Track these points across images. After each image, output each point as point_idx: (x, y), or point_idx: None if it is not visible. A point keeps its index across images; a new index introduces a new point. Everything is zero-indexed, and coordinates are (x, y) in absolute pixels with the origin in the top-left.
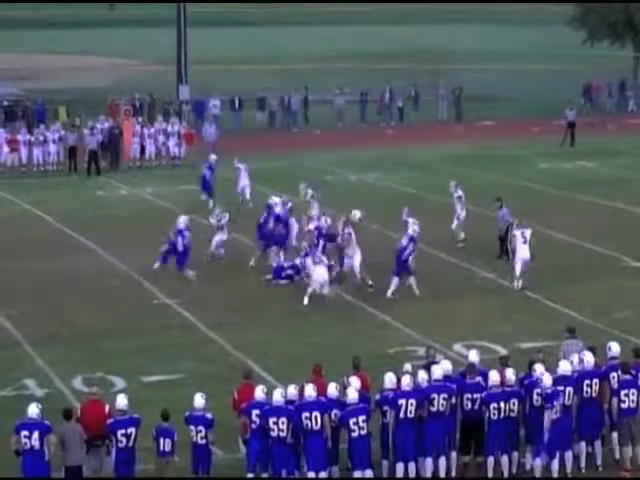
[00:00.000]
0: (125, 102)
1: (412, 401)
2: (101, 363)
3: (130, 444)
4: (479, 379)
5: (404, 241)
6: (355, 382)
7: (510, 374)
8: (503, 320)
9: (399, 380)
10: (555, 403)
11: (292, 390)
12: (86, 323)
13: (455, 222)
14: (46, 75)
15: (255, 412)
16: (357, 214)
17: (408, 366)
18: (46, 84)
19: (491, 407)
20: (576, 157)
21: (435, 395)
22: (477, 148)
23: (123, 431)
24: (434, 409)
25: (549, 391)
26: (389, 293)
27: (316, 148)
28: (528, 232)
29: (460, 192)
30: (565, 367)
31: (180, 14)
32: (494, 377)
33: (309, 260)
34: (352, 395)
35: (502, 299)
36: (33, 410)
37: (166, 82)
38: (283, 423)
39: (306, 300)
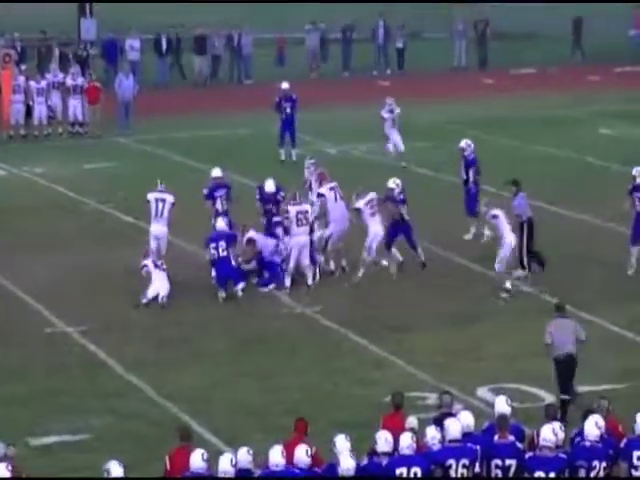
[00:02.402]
0: (4, 44)
1: (416, 470)
2: None
3: None
4: (512, 438)
5: None
6: (342, 444)
7: (559, 431)
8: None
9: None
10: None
11: (244, 455)
12: None
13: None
14: None
15: None
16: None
17: (412, 420)
18: None
19: (537, 477)
20: None
21: (452, 461)
22: (511, 106)
23: None
24: None
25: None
26: None
27: None
28: None
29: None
30: None
31: None
32: (548, 435)
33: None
34: (346, 464)
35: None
36: None
37: (64, 15)
38: None
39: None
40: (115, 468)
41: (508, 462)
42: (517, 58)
